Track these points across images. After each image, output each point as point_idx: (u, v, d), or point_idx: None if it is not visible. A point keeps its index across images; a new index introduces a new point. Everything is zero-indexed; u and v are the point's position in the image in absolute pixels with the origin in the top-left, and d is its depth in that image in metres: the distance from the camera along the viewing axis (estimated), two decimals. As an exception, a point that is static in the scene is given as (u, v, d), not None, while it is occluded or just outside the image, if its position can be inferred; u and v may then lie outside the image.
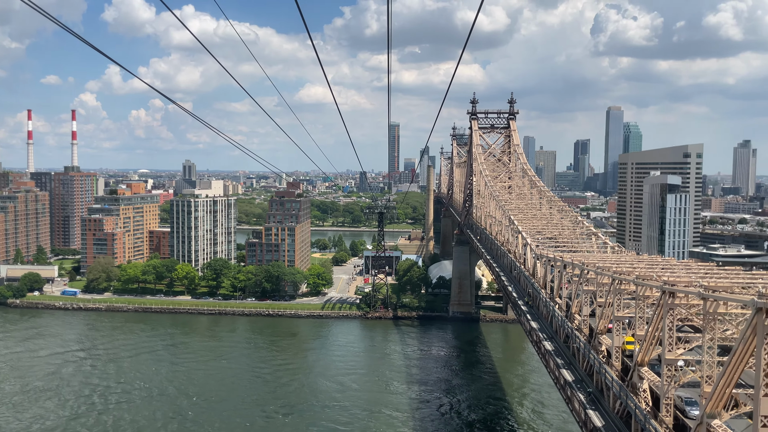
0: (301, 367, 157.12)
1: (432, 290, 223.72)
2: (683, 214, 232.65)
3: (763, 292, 29.52)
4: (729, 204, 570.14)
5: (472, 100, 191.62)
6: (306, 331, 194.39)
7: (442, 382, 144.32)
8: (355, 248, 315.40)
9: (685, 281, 41.77)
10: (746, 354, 31.72)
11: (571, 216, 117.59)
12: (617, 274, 52.09)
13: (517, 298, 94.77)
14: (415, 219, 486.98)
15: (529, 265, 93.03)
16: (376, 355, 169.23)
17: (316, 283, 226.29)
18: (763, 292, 29.49)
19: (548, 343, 71.48)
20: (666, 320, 41.24)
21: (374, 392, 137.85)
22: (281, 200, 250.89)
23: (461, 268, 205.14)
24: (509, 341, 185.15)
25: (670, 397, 41.64)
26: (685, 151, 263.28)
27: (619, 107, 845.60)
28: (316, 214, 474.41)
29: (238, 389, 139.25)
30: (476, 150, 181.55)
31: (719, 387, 33.56)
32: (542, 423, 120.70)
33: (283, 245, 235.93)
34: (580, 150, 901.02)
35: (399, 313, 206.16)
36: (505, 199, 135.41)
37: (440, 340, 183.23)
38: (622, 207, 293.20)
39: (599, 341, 57.49)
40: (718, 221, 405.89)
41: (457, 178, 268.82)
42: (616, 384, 50.43)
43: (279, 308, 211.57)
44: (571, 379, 61.40)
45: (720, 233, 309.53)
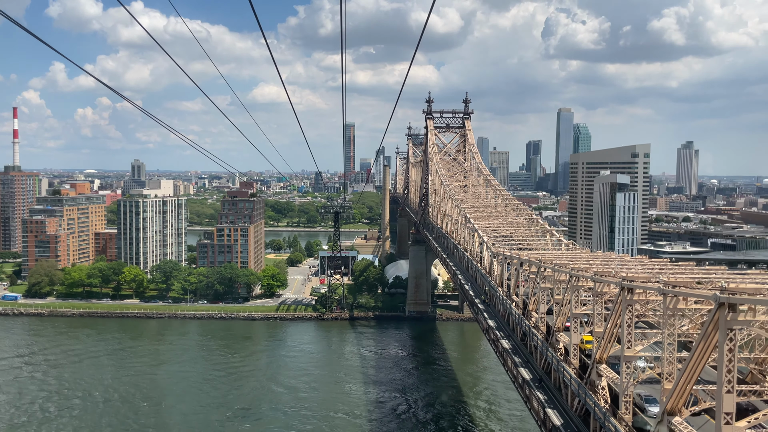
0: (256, 370, 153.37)
1: (388, 290, 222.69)
2: (632, 213, 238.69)
3: (726, 287, 29.05)
4: (673, 203, 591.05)
5: (427, 100, 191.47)
6: (260, 333, 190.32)
7: (399, 383, 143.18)
8: (311, 249, 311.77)
9: (643, 277, 41.43)
10: (707, 350, 31.26)
11: (526, 214, 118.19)
12: (575, 270, 51.65)
13: (473, 296, 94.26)
14: (371, 219, 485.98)
15: (486, 264, 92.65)
16: (332, 357, 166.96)
17: (270, 284, 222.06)
18: (725, 286, 29.02)
19: (505, 342, 70.94)
20: (625, 317, 40.82)
21: (331, 394, 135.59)
22: (234, 200, 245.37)
23: (418, 267, 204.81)
24: (465, 340, 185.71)
25: (630, 395, 41.21)
26: (633, 151, 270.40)
27: (569, 109, 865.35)
28: (270, 215, 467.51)
29: (189, 394, 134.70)
30: (432, 149, 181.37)
31: (680, 384, 33.07)
32: (500, 421, 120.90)
33: (236, 246, 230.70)
34: (532, 150, 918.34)
35: (355, 314, 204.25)
36: (460, 198, 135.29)
37: (397, 340, 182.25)
38: (573, 206, 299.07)
39: (557, 339, 57.06)
40: (663, 219, 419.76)
41: (413, 177, 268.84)
42: (575, 382, 49.95)
43: (232, 311, 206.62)
44: (528, 378, 60.85)
45: (666, 231, 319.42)
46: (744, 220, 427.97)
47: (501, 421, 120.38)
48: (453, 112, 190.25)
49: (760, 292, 28.73)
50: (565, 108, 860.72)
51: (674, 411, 34.56)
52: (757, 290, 28.83)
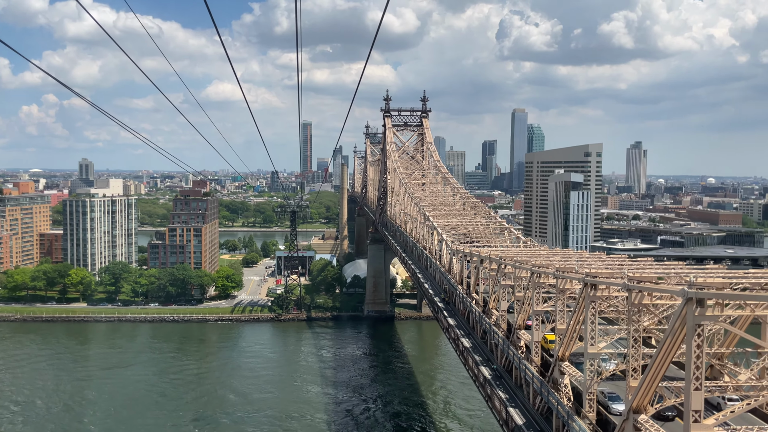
0: (211, 373, 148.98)
1: (347, 290, 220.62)
2: (585, 211, 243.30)
3: (694, 282, 28.45)
4: (623, 201, 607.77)
5: (385, 98, 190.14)
6: (215, 336, 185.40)
7: (358, 383, 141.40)
8: (267, 249, 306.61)
9: (606, 273, 40.86)
10: (674, 346, 30.65)
11: (484, 212, 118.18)
12: (537, 267, 50.96)
13: (433, 295, 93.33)
14: (328, 218, 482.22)
15: (445, 261, 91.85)
16: (289, 358, 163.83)
17: (225, 285, 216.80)
18: (693, 281, 28.41)
19: (466, 340, 70.08)
20: (588, 313, 40.16)
21: (289, 397, 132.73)
22: (186, 199, 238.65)
23: (376, 266, 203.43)
24: (424, 338, 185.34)
25: (593, 393, 40.59)
26: (586, 150, 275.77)
27: (524, 110, 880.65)
28: (225, 215, 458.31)
29: (141, 400, 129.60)
30: (390, 148, 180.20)
31: (646, 381, 32.42)
32: (461, 421, 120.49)
33: (189, 247, 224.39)
34: (488, 150, 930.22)
35: (313, 314, 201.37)
36: (419, 196, 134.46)
37: (356, 340, 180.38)
38: (528, 204, 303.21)
39: (518, 336, 56.39)
40: (614, 217, 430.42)
41: (371, 176, 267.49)
42: (537, 380, 49.25)
43: (185, 313, 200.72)
44: (489, 376, 60.03)
45: (617, 228, 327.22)
46: (690, 217, 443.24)
47: (462, 421, 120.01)
48: (411, 111, 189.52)
49: (727, 286, 28.21)
50: (519, 108, 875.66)
51: (640, 409, 33.93)
52: (724, 285, 28.30)
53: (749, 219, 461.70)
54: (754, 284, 28.11)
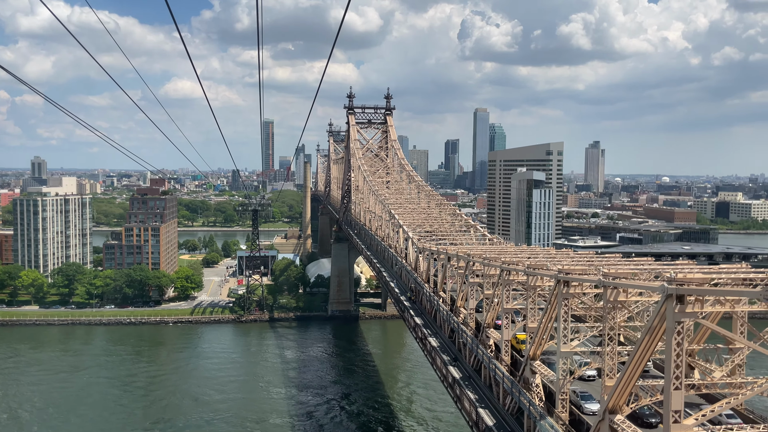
0: (170, 377, 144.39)
1: (310, 289, 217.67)
2: (547, 208, 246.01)
3: (674, 277, 27.52)
4: (582, 200, 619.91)
5: (348, 95, 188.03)
6: (174, 338, 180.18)
7: (323, 384, 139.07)
8: (228, 248, 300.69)
9: (579, 269, 39.94)
10: (652, 344, 29.74)
11: (450, 209, 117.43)
12: (506, 264, 49.86)
13: (399, 294, 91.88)
14: (291, 217, 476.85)
15: (411, 260, 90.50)
16: (252, 360, 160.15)
17: (184, 286, 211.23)
18: (674, 276, 27.48)
19: (433, 339, 68.79)
20: (561, 310, 39.17)
21: (252, 399, 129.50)
22: (144, 198, 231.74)
23: (340, 265, 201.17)
24: (389, 338, 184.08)
25: (566, 392, 39.64)
26: (547, 149, 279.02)
27: (485, 109, 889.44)
28: (184, 214, 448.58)
29: (95, 407, 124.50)
30: (354, 145, 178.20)
31: (623, 380, 31.46)
32: (428, 421, 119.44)
33: (147, 247, 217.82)
34: (451, 149, 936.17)
35: (276, 315, 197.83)
36: (384, 194, 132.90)
37: (320, 341, 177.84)
38: (491, 202, 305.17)
39: (487, 335, 55.29)
40: (574, 215, 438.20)
41: (335, 174, 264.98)
42: (507, 379, 48.18)
43: (142, 315, 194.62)
44: (458, 376, 58.81)
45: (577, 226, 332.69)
46: (647, 215, 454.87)
47: (429, 422, 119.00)
48: (375, 108, 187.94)
49: (707, 282, 27.38)
50: (481, 108, 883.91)
51: (616, 409, 33.00)
52: (704, 280, 27.46)
53: (703, 216, 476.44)
54: (734, 279, 27.38)
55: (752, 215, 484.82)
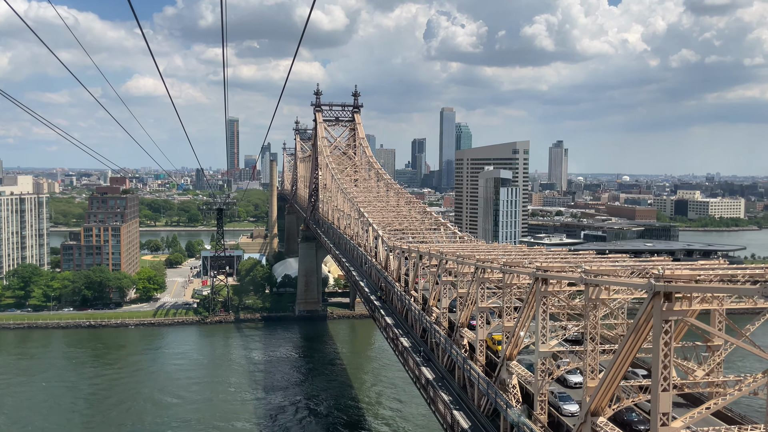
0: (131, 381, 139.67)
1: (277, 290, 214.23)
2: (514, 207, 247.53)
3: (661, 274, 26.52)
4: (547, 198, 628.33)
5: (316, 92, 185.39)
6: (136, 341, 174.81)
7: (291, 386, 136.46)
8: (192, 248, 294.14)
9: (557, 266, 38.87)
10: (637, 343, 28.76)
11: (419, 207, 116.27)
12: (481, 261, 48.68)
13: (369, 293, 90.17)
14: (257, 217, 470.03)
15: (381, 258, 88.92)
16: (217, 362, 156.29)
17: (146, 287, 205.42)
18: (661, 273, 26.48)
19: (405, 340, 67.33)
20: (539, 309, 38.08)
21: (218, 403, 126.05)
22: (103, 197, 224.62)
23: (308, 265, 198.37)
24: (358, 337, 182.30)
25: (545, 393, 38.58)
26: (514, 147, 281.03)
27: (452, 108, 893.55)
28: (147, 213, 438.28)
29: (54, 415, 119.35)
30: (321, 143, 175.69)
31: (606, 380, 30.44)
32: (397, 423, 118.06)
33: (107, 247, 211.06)
34: (417, 148, 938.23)
35: (241, 316, 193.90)
36: (353, 192, 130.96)
37: (287, 341, 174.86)
38: (459, 200, 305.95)
39: (461, 335, 54.08)
40: (538, 213, 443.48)
41: (302, 173, 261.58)
42: (483, 380, 47.01)
43: (103, 318, 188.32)
44: (431, 377, 57.46)
45: (543, 224, 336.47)
46: (609, 213, 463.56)
47: (398, 424, 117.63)
48: (342, 105, 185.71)
49: (694, 278, 26.46)
50: (447, 108, 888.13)
51: (598, 411, 32.00)
52: (691, 277, 26.54)
53: (662, 214, 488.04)
54: (722, 276, 26.52)
55: (710, 213, 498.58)
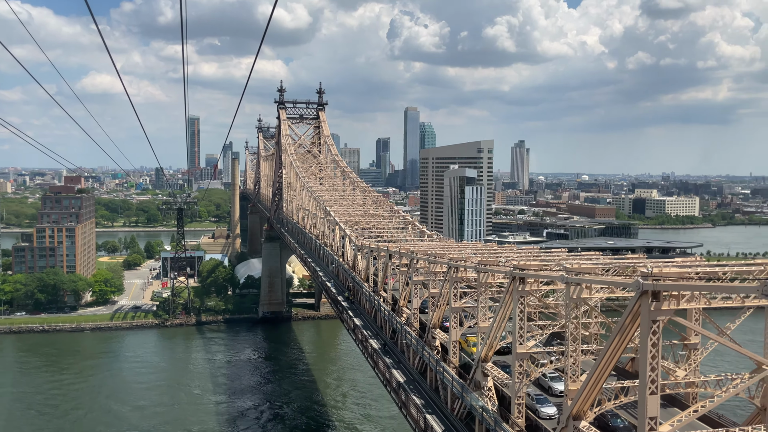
0: (89, 388, 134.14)
1: (240, 291, 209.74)
2: (479, 205, 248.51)
3: (650, 272, 25.42)
4: (509, 197, 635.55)
5: (279, 89, 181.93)
6: (92, 346, 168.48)
7: (255, 389, 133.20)
8: (151, 250, 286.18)
9: (535, 265, 37.70)
10: (623, 344, 27.66)
11: (387, 206, 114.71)
12: (454, 260, 47.27)
13: (336, 294, 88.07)
14: (219, 217, 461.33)
15: (349, 258, 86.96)
16: (179, 367, 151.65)
17: (103, 290, 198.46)
18: (650, 271, 25.37)
19: (375, 341, 65.57)
20: (517, 309, 36.82)
21: (180, 409, 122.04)
22: (57, 197, 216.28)
23: (271, 265, 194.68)
24: (323, 339, 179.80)
25: (522, 396, 37.35)
26: (478, 146, 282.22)
27: (416, 108, 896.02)
28: (104, 214, 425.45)
29: (6, 425, 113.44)
30: (285, 141, 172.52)
31: (590, 383, 29.28)
32: (366, 424, 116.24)
33: (61, 249, 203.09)
34: (382, 148, 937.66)
35: (203, 318, 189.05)
36: (318, 191, 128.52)
37: (251, 344, 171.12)
38: (424, 199, 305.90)
39: (433, 336, 52.63)
40: (501, 212, 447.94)
41: (265, 172, 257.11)
42: (456, 383, 45.61)
43: (57, 322, 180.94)
44: (402, 380, 55.85)
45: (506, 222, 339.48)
46: (570, 211, 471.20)
47: (365, 427, 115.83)
48: (307, 103, 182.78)
49: (684, 276, 25.45)
50: (411, 107, 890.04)
51: (580, 414, 30.83)
52: (680, 275, 25.52)
53: (621, 213, 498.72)
54: (710, 273, 25.63)
55: (666, 211, 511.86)
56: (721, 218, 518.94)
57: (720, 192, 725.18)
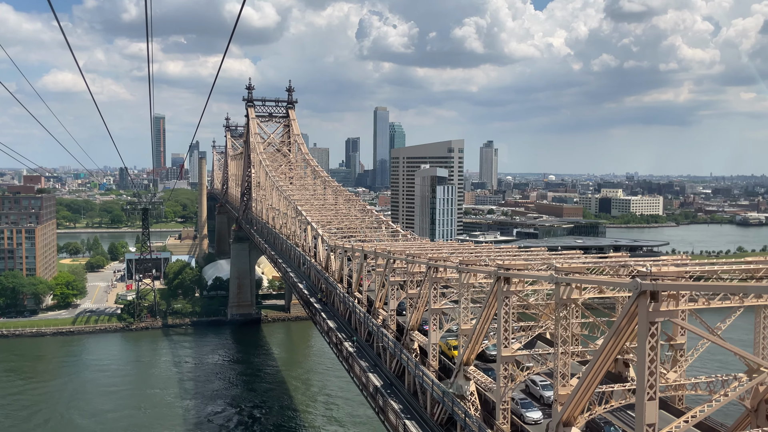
0: (49, 396, 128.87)
1: (208, 293, 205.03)
2: (450, 205, 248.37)
3: (650, 271, 24.18)
4: (478, 197, 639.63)
5: (248, 86, 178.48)
6: (53, 351, 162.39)
7: (225, 394, 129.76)
8: (115, 251, 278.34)
9: (520, 264, 36.37)
10: (617, 347, 26.41)
11: (359, 205, 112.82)
12: (434, 260, 45.73)
13: (308, 295, 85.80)
14: (185, 217, 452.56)
15: (321, 258, 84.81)
16: (144, 372, 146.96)
17: (64, 293, 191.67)
18: (649, 270, 24.14)
19: (350, 344, 63.64)
20: (501, 311, 35.40)
21: (146, 415, 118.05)
22: (16, 197, 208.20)
23: (240, 266, 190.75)
24: (294, 341, 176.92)
25: (508, 401, 35.95)
26: (449, 146, 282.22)
27: (385, 108, 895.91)
28: (65, 215, 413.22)
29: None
30: (254, 139, 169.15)
31: (582, 387, 27.98)
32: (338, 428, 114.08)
33: (20, 250, 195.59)
34: (351, 147, 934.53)
35: (170, 321, 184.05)
36: (289, 190, 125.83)
37: (220, 347, 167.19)
38: (395, 199, 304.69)
39: (411, 338, 51.02)
40: (471, 212, 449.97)
41: (233, 171, 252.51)
42: (437, 388, 44.07)
43: (16, 326, 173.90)
44: (379, 384, 54.11)
45: (477, 222, 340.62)
46: (538, 211, 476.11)
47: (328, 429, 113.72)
48: (276, 101, 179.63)
49: (682, 276, 24.30)
50: (381, 107, 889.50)
51: (570, 420, 29.54)
52: (679, 274, 24.35)
53: (588, 212, 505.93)
54: (708, 272, 24.56)
55: (631, 210, 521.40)
56: (684, 217, 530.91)
57: (682, 192, 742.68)
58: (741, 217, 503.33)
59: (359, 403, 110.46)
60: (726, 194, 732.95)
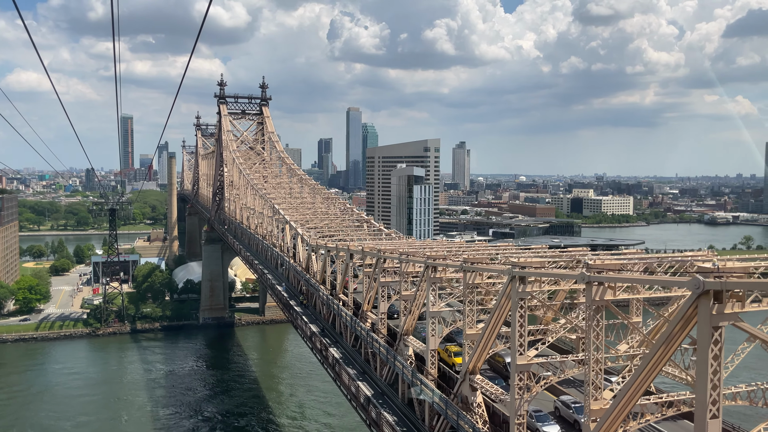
0: (13, 405, 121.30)
1: (179, 296, 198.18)
2: (427, 204, 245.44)
3: (714, 268, 20.71)
4: (452, 197, 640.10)
5: (219, 83, 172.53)
6: (15, 358, 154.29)
7: (196, 402, 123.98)
8: (81, 254, 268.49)
9: (536, 262, 32.77)
10: (668, 354, 22.91)
11: (339, 203, 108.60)
12: (432, 259, 41.94)
13: (288, 298, 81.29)
14: (155, 219, 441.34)
15: (302, 259, 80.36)
16: (112, 379, 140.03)
17: (27, 298, 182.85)
18: (715, 266, 20.67)
19: (336, 350, 59.48)
20: (516, 314, 31.75)
21: (113, 425, 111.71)
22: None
23: (213, 268, 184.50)
24: (269, 344, 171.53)
25: (523, 415, 32.30)
26: (425, 145, 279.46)
27: (358, 108, 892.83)
28: (29, 217, 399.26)
29: None
30: (227, 137, 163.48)
31: (624, 399, 24.44)
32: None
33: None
34: (324, 148, 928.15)
35: (138, 326, 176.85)
36: (264, 189, 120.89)
37: (191, 352, 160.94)
38: (371, 199, 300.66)
39: (406, 344, 47.13)
40: (445, 212, 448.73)
41: (204, 171, 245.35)
42: (439, 399, 40.26)
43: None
44: (370, 394, 50.11)
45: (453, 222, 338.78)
46: (511, 211, 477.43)
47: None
48: (249, 98, 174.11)
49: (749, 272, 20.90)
50: (353, 107, 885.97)
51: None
52: (744, 269, 20.95)
53: (560, 212, 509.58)
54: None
55: (603, 210, 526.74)
56: (654, 217, 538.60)
57: (651, 192, 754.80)
58: (709, 216, 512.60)
59: (343, 407, 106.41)
60: (693, 194, 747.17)
